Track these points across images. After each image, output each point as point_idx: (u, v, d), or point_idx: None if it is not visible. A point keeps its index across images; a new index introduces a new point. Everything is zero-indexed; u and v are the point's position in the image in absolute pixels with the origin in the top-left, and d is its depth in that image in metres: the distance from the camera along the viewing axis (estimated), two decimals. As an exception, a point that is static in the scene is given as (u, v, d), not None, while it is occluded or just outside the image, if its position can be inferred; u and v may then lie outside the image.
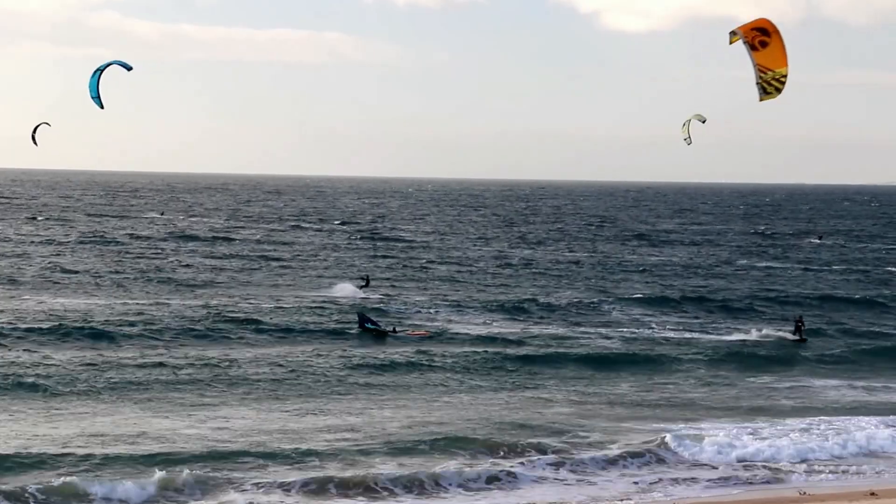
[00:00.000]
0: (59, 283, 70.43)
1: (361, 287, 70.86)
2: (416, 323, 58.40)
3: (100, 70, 32.94)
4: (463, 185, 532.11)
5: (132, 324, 54.09)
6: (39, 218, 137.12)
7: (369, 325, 54.66)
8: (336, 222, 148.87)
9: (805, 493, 30.93)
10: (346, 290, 70.08)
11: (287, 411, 38.68)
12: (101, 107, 33.45)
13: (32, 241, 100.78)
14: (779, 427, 38.08)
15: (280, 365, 46.32)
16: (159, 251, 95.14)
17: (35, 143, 44.31)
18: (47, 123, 47.43)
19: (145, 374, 43.33)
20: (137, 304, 61.48)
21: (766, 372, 49.45)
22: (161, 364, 45.25)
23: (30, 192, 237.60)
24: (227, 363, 46.08)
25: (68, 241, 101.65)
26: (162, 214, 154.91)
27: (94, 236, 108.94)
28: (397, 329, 55.25)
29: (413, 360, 48.37)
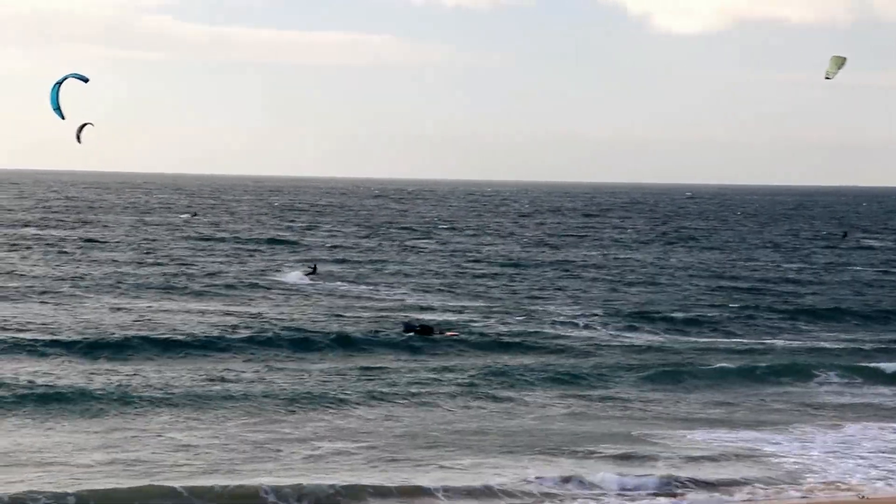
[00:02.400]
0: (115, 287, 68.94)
1: (308, 274, 74.54)
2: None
3: (58, 83, 33.45)
4: (519, 188, 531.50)
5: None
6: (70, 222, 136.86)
7: (417, 328, 53.80)
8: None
9: (865, 497, 29.91)
10: (293, 276, 74.11)
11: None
12: (62, 117, 33.92)
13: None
14: None
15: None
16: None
17: (79, 141, 43.77)
18: (91, 123, 46.72)
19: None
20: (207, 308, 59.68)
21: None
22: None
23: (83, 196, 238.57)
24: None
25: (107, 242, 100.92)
26: (195, 216, 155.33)
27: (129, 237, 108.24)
28: (443, 330, 54.34)
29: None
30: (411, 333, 53.33)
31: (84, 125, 43.90)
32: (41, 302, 60.43)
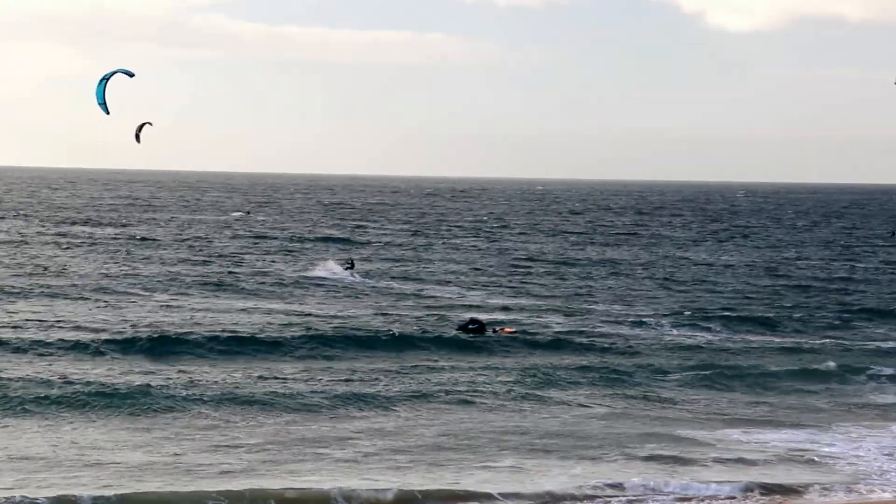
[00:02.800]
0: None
1: (346, 269, 75.63)
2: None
3: (105, 78, 33.34)
4: (570, 185, 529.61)
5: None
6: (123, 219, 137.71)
7: (472, 326, 53.61)
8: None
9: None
10: (329, 267, 75.73)
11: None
12: (108, 112, 33.86)
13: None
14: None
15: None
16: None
17: (138, 140, 44.07)
18: (149, 123, 47.01)
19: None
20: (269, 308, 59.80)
21: None
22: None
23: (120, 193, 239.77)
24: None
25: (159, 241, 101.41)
26: (248, 213, 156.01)
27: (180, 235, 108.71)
28: (496, 328, 54.18)
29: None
30: (465, 331, 53.20)
31: (143, 125, 44.17)
32: (95, 300, 60.63)
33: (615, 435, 35.82)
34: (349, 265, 78.27)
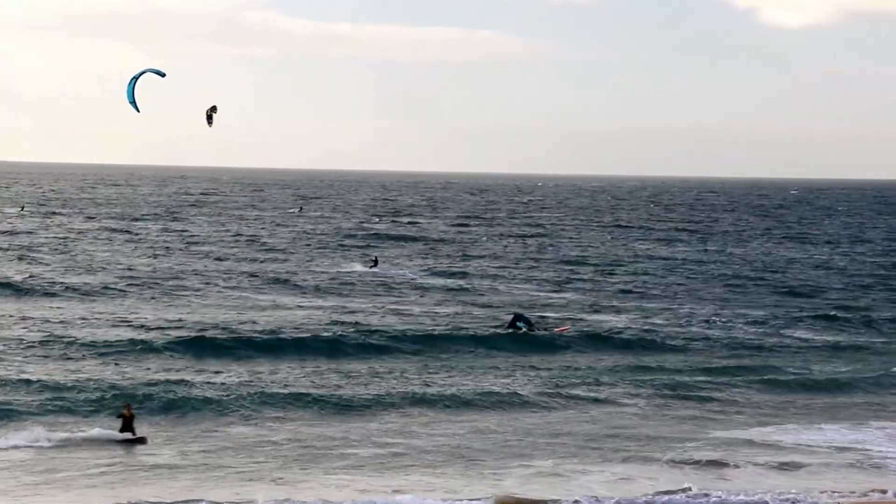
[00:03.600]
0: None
1: (371, 267, 77.06)
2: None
3: (135, 78, 34.45)
4: (625, 181, 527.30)
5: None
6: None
7: (521, 325, 53.16)
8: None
9: None
10: (354, 266, 77.50)
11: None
12: (138, 110, 34.20)
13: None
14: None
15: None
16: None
17: (210, 123, 43.58)
18: (216, 107, 46.36)
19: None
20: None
21: None
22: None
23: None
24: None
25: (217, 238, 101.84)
26: (301, 210, 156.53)
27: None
28: (548, 326, 53.94)
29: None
30: (516, 329, 52.85)
31: (213, 108, 43.87)
32: (151, 298, 60.39)
33: (671, 437, 35.21)
34: (373, 263, 78.94)
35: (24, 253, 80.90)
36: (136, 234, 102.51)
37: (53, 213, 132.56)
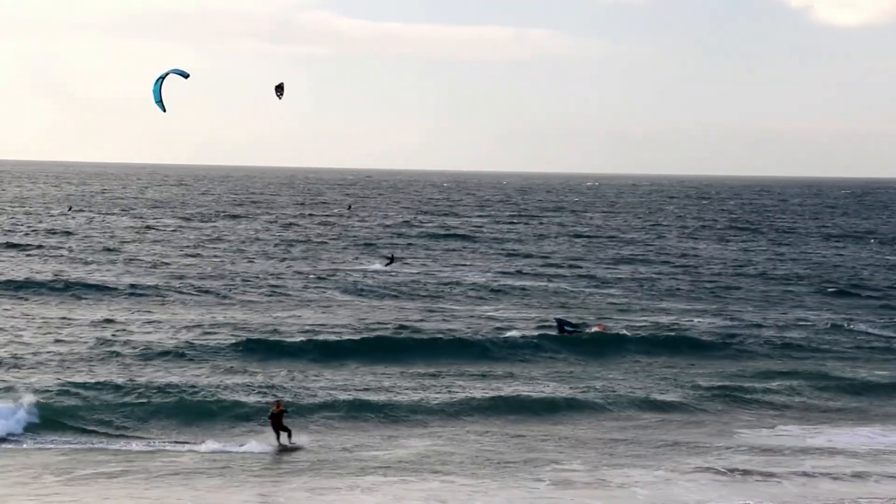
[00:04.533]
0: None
1: (386, 264, 77.68)
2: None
3: (161, 78, 35.00)
4: (674, 181, 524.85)
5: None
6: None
7: (567, 328, 52.91)
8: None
9: None
10: (373, 266, 77.68)
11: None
12: (164, 110, 35.44)
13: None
14: None
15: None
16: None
17: (280, 95, 43.36)
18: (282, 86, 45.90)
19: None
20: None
21: None
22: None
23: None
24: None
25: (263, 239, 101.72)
26: (349, 209, 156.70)
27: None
28: (588, 327, 53.41)
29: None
30: (563, 330, 52.50)
31: (281, 85, 43.92)
32: (199, 303, 59.34)
33: (715, 441, 34.57)
34: (389, 260, 79.42)
35: (83, 256, 79.98)
36: (186, 233, 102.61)
37: (105, 213, 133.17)
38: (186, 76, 34.62)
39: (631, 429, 36.30)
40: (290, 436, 33.04)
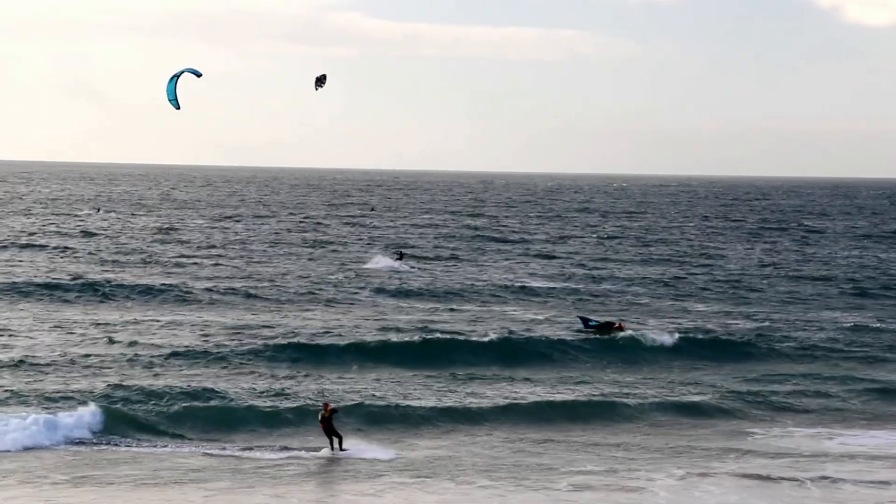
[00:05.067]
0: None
1: (396, 260, 78.20)
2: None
3: (176, 76, 35.48)
4: (705, 182, 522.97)
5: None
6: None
7: (592, 324, 53.25)
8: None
9: None
10: (382, 262, 77.99)
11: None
12: (178, 108, 35.83)
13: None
14: None
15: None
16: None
17: (319, 86, 43.12)
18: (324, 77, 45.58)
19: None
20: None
21: None
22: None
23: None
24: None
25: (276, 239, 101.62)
26: (372, 210, 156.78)
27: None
28: (622, 324, 53.17)
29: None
30: (587, 329, 52.75)
31: (324, 76, 43.99)
32: (234, 306, 58.88)
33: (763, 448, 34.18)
34: (398, 256, 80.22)
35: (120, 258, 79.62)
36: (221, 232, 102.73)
37: (134, 214, 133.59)
38: (199, 75, 35.00)
39: (651, 431, 36.16)
40: (341, 442, 32.03)
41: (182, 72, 35.12)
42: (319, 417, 32.50)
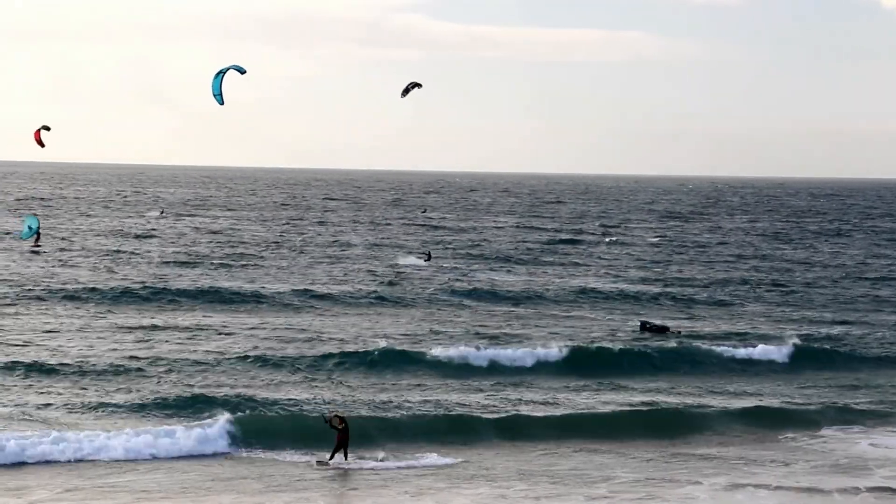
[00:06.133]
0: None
1: (425, 261, 79.04)
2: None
3: (222, 72, 36.14)
4: (770, 184, 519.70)
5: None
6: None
7: (649, 326, 53.32)
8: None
9: None
10: (409, 260, 79.15)
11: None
12: (222, 103, 36.78)
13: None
14: None
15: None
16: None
17: (405, 94, 42.80)
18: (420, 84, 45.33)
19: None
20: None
21: None
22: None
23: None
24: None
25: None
26: (424, 212, 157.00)
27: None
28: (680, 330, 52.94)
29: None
30: (644, 328, 52.60)
31: (415, 85, 44.27)
32: (281, 315, 56.85)
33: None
34: (427, 257, 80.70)
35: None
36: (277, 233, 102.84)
37: (191, 215, 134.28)
38: (243, 72, 35.67)
39: (691, 440, 35.72)
40: (346, 456, 31.23)
41: (228, 68, 35.94)
42: (340, 428, 31.36)
